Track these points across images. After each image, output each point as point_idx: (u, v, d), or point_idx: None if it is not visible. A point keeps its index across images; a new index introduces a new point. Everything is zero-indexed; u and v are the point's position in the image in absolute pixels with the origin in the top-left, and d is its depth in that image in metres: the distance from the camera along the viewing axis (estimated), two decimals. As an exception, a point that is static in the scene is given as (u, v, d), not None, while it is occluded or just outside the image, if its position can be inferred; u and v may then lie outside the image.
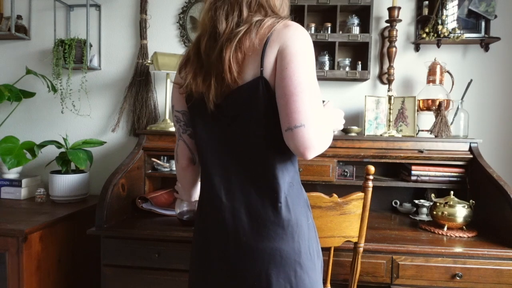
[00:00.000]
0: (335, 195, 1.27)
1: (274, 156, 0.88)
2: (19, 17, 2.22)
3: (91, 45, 2.21)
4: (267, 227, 0.86)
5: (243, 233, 0.87)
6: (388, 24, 2.01)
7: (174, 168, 1.93)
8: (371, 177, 1.28)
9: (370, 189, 1.27)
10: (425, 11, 2.02)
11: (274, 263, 0.85)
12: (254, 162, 0.89)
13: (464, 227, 1.58)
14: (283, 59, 0.82)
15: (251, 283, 0.86)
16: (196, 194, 1.20)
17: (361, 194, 1.28)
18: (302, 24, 1.98)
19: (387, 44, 2.05)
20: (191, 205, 1.57)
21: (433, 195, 1.70)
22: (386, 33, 2.08)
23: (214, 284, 0.92)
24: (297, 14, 2.03)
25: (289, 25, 0.85)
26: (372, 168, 1.27)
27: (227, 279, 0.89)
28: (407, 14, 2.09)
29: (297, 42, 0.82)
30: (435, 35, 1.96)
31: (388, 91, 2.00)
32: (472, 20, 2.03)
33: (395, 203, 1.95)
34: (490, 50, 2.07)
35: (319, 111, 0.82)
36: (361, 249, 1.31)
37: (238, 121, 0.89)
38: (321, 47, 2.05)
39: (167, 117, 2.04)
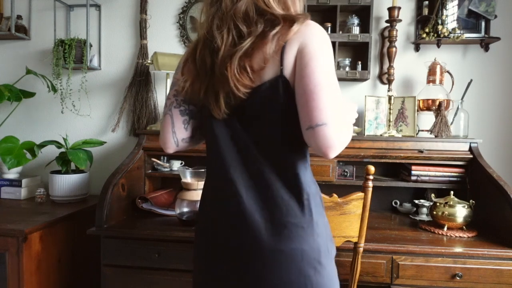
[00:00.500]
0: (335, 195, 1.27)
1: (294, 155, 0.88)
2: (19, 17, 2.22)
3: (91, 45, 2.21)
4: (287, 228, 0.85)
5: (263, 233, 0.85)
6: (388, 24, 2.01)
7: (174, 168, 1.93)
8: (371, 177, 1.27)
9: (370, 189, 1.27)
10: (425, 11, 2.02)
11: (294, 263, 0.84)
12: (274, 161, 0.87)
13: (464, 227, 1.58)
14: (303, 57, 0.81)
15: (272, 283, 0.84)
16: None
17: (361, 194, 1.28)
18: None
19: (387, 44, 2.05)
20: (192, 205, 1.58)
21: (433, 195, 1.70)
22: (386, 33, 2.08)
23: (227, 285, 0.90)
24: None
25: (308, 24, 0.84)
26: (372, 168, 1.27)
27: (243, 280, 0.87)
28: (407, 14, 2.09)
29: (316, 40, 0.82)
30: (435, 35, 1.96)
31: (388, 91, 2.00)
32: (472, 20, 2.03)
33: (395, 203, 1.95)
34: (490, 50, 2.07)
35: (340, 109, 0.81)
36: (361, 249, 1.31)
37: (257, 121, 0.87)
38: (321, 47, 2.05)
39: (167, 117, 2.03)
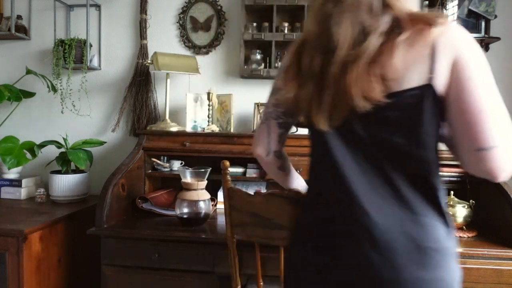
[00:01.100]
0: None
1: (433, 175, 0.77)
2: (19, 17, 2.22)
3: (91, 45, 2.21)
4: (428, 254, 0.73)
5: (399, 259, 0.72)
6: (388, 24, 2.01)
7: (174, 168, 1.93)
8: None
9: None
10: (425, 11, 2.02)
11: None
12: (410, 180, 0.76)
13: (464, 227, 1.58)
14: (461, 71, 0.71)
15: None
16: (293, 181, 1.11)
17: None
18: (302, 24, 2.00)
19: (387, 44, 2.05)
20: (192, 205, 1.58)
21: (433, 195, 1.70)
22: (386, 33, 2.08)
23: None
24: (297, 14, 2.04)
25: (456, 28, 0.74)
26: None
27: None
28: (407, 14, 2.09)
29: (473, 51, 0.73)
30: (435, 35, 1.96)
31: (388, 91, 2.00)
32: (472, 20, 2.03)
33: (395, 203, 1.94)
34: (490, 50, 2.06)
35: (510, 129, 0.72)
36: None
37: (387, 130, 0.75)
38: (321, 47, 2.05)
39: (167, 117, 2.04)
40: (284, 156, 1.05)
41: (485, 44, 2.04)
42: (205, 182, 1.59)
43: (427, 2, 2.03)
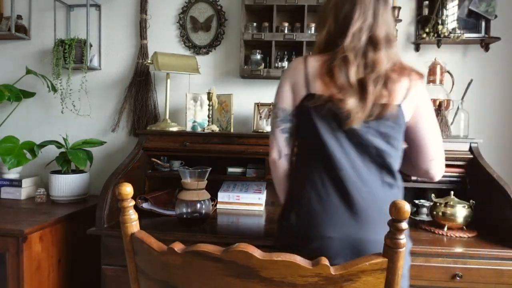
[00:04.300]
0: (324, 260, 0.68)
1: (398, 165, 1.09)
2: (19, 17, 2.22)
3: (91, 45, 2.21)
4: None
5: (371, 226, 1.03)
6: (388, 24, 2.01)
7: (174, 168, 1.93)
8: (404, 225, 0.68)
9: (402, 250, 0.68)
10: (425, 11, 2.02)
11: None
12: (386, 170, 1.06)
13: (464, 227, 1.58)
14: (421, 113, 1.09)
15: None
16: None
17: (380, 260, 0.69)
18: (302, 24, 2.00)
19: (387, 44, 2.05)
20: (192, 205, 1.58)
21: (433, 195, 1.70)
22: (386, 33, 2.08)
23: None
24: (297, 14, 2.04)
25: (420, 80, 1.09)
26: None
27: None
28: (407, 14, 2.09)
29: (428, 100, 1.12)
30: (435, 35, 1.96)
31: (388, 91, 2.00)
32: (472, 20, 2.03)
33: (395, 203, 1.94)
34: (490, 50, 2.07)
35: (442, 148, 1.15)
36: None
37: (376, 137, 1.04)
38: (321, 47, 2.05)
39: (167, 117, 2.03)
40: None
41: (485, 44, 2.05)
42: (205, 182, 1.59)
43: (427, 2, 2.03)
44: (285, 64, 2.04)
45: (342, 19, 1.07)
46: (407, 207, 0.68)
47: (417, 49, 2.11)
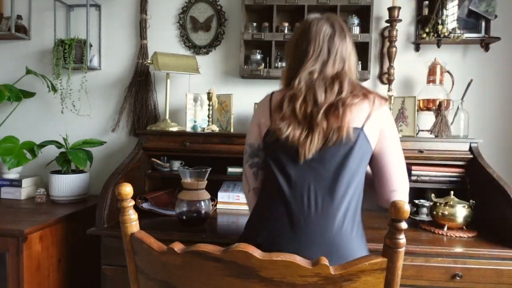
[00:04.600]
0: (323, 260, 0.69)
1: (353, 202, 1.05)
2: (19, 17, 2.22)
3: (91, 45, 2.21)
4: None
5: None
6: (388, 24, 2.01)
7: (174, 168, 1.93)
8: (403, 225, 0.69)
9: (402, 250, 0.70)
10: (425, 11, 2.02)
11: None
12: (337, 202, 1.02)
13: (464, 227, 1.58)
14: (385, 138, 1.08)
15: None
16: None
17: (380, 260, 0.70)
18: None
19: (387, 44, 2.05)
20: (192, 205, 1.58)
21: (433, 195, 1.70)
22: (386, 33, 2.08)
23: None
24: (297, 14, 2.04)
25: (384, 106, 1.08)
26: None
27: None
28: (407, 14, 2.09)
29: (393, 125, 1.10)
30: (435, 35, 1.96)
31: (388, 91, 2.00)
32: (472, 20, 2.03)
33: (395, 203, 1.94)
34: (490, 50, 2.06)
35: (406, 178, 1.13)
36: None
37: (332, 164, 1.03)
38: (321, 47, 2.05)
39: (167, 117, 2.03)
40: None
41: (485, 44, 2.05)
42: (205, 182, 1.59)
43: (427, 2, 2.03)
44: (285, 64, 2.04)
45: (298, 56, 1.12)
46: (406, 207, 0.68)
47: (417, 49, 2.11)
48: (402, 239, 0.68)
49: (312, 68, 1.08)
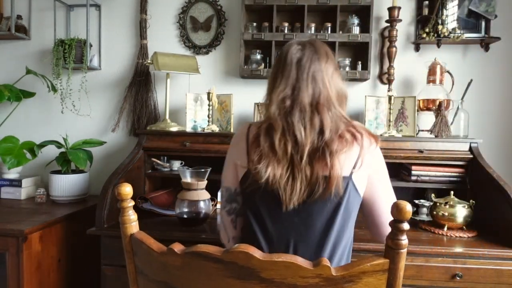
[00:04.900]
0: (324, 260, 0.68)
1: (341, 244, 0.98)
2: (19, 17, 2.22)
3: (91, 45, 2.21)
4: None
5: None
6: (388, 24, 2.01)
7: (174, 168, 1.93)
8: (405, 225, 0.69)
9: (404, 251, 0.69)
10: (425, 11, 2.02)
11: None
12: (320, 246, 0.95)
13: (464, 227, 1.58)
14: (373, 183, 1.02)
15: None
16: None
17: (382, 261, 0.69)
18: (302, 24, 1.99)
19: (387, 44, 2.05)
20: (192, 205, 1.58)
21: (433, 195, 1.70)
22: (386, 33, 2.08)
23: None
24: (297, 14, 2.04)
25: (373, 145, 0.99)
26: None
27: None
28: (407, 14, 2.09)
29: (383, 166, 1.05)
30: (435, 35, 1.96)
31: (388, 91, 2.00)
32: (472, 20, 2.03)
33: (395, 203, 1.94)
34: (490, 50, 2.06)
35: None
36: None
37: (319, 222, 0.94)
38: (321, 47, 2.05)
39: (167, 117, 2.03)
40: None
41: (485, 44, 2.05)
42: (205, 182, 1.59)
43: (427, 2, 2.03)
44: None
45: (271, 84, 1.04)
46: (408, 207, 0.68)
47: (417, 49, 2.11)
48: (404, 240, 0.68)
49: (283, 93, 0.98)
